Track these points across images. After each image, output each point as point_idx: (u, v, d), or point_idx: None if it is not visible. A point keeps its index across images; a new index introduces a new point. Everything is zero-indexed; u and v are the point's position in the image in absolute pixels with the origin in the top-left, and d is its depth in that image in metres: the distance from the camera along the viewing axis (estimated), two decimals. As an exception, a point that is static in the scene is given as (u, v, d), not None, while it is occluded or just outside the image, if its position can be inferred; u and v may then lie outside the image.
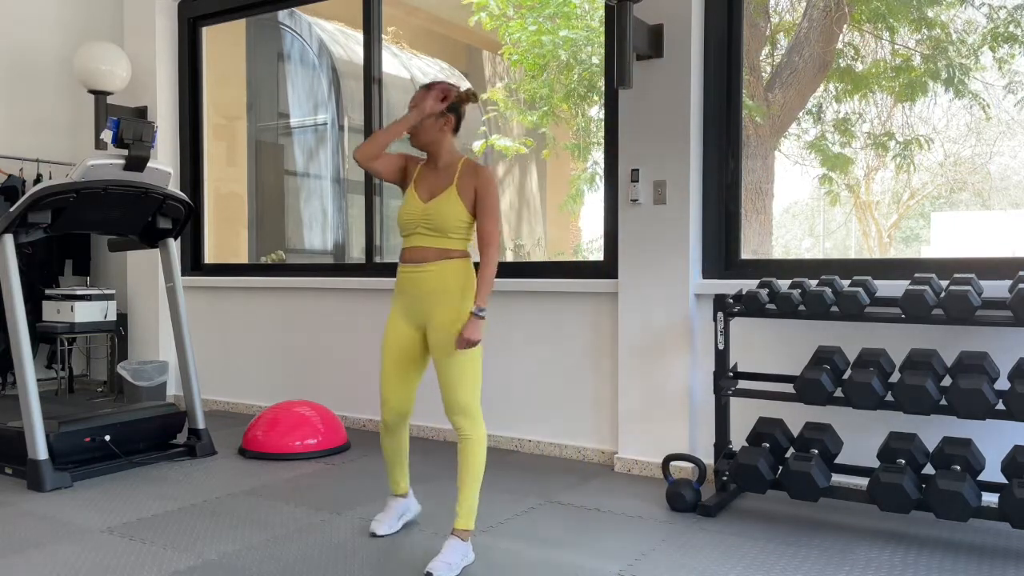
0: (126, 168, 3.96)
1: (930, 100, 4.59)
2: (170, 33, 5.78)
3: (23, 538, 3.04)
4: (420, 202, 2.78)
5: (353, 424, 5.00)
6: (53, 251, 5.92)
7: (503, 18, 6.63)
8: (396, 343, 2.86)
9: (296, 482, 3.80)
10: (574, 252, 8.35)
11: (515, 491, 3.62)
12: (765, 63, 5.11)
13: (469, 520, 2.75)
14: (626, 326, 3.97)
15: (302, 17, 6.64)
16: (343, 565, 2.76)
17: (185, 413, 4.35)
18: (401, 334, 2.86)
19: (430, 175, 2.84)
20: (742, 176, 3.87)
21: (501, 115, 7.39)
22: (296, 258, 6.71)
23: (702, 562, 2.78)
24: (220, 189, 6.34)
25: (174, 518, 3.28)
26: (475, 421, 2.77)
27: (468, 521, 2.75)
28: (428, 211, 2.76)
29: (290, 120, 6.91)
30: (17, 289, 3.75)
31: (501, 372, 4.45)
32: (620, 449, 4.01)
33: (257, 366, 5.46)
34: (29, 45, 5.94)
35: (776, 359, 3.67)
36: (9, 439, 3.86)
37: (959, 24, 4.54)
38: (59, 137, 6.13)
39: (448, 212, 2.74)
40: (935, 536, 3.03)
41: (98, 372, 6.28)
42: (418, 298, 2.80)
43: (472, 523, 2.76)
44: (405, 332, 2.86)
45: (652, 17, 3.84)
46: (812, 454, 3.11)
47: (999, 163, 4.80)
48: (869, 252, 5.48)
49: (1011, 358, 3.18)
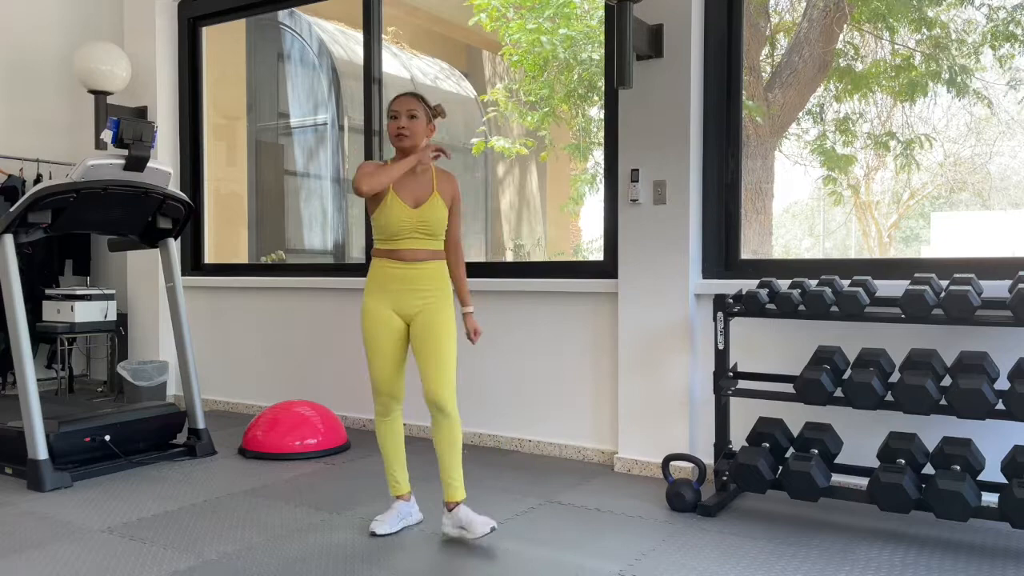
0: (126, 168, 3.96)
1: (930, 100, 4.59)
2: (170, 33, 5.78)
3: (23, 538, 3.04)
4: (408, 208, 2.98)
5: (353, 424, 5.00)
6: (53, 251, 5.92)
7: (503, 19, 6.63)
8: (387, 332, 3.01)
9: (296, 482, 3.80)
10: (574, 252, 8.35)
11: (515, 491, 3.62)
12: (765, 63, 5.10)
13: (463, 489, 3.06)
14: (626, 326, 3.97)
15: (302, 17, 6.64)
16: (343, 565, 2.76)
17: (185, 413, 4.35)
18: (390, 324, 3.01)
19: (410, 182, 3.02)
20: (742, 176, 3.87)
21: (501, 115, 7.39)
22: (296, 258, 6.71)
23: (702, 562, 2.78)
24: (220, 189, 6.34)
25: (174, 518, 3.28)
26: (455, 401, 3.02)
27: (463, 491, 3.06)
28: (422, 216, 2.99)
29: (290, 120, 6.91)
30: (17, 289, 3.75)
31: (501, 372, 4.46)
32: (620, 449, 4.01)
33: (257, 366, 5.46)
34: (29, 45, 5.94)
35: (776, 359, 3.67)
36: (9, 439, 3.86)
37: (959, 24, 4.54)
38: (59, 137, 6.13)
39: (440, 216, 3.03)
40: (935, 536, 3.03)
41: (98, 372, 6.28)
42: (410, 292, 3.00)
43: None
44: (394, 322, 3.02)
45: (652, 17, 3.84)
46: (812, 454, 3.11)
47: (999, 163, 4.80)
48: (869, 252, 5.48)
49: (1011, 358, 3.18)
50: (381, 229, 2.99)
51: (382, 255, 3.02)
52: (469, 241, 7.36)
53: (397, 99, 3.02)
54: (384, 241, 3.01)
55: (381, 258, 3.02)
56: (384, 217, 2.96)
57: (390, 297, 3.00)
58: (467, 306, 3.17)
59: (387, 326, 3.01)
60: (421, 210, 2.98)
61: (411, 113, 2.97)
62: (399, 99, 3.02)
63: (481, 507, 3.38)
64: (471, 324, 3.15)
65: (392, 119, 2.99)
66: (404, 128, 2.97)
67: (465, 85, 8.01)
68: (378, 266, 3.03)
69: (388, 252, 3.00)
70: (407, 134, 2.97)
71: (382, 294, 3.01)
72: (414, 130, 2.98)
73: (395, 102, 3.01)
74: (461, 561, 2.79)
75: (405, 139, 2.98)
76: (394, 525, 3.08)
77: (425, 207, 2.98)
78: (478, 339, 3.22)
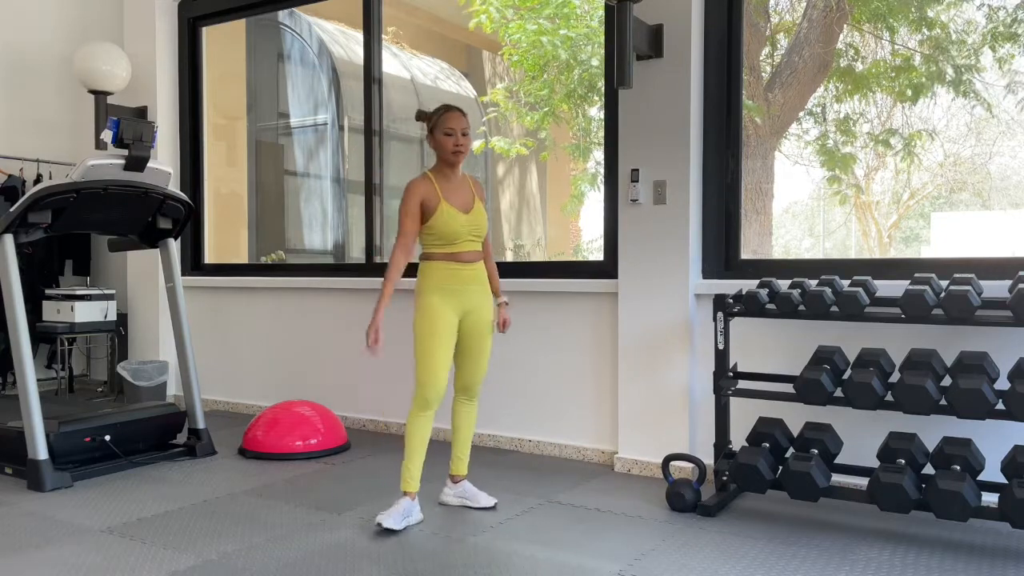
0: (126, 168, 3.96)
1: (930, 100, 4.59)
2: (170, 33, 5.78)
3: (23, 538, 3.04)
4: (461, 214, 3.18)
5: (353, 424, 5.00)
6: (53, 251, 5.92)
7: (503, 20, 6.63)
8: (450, 332, 3.17)
9: (296, 482, 3.80)
10: (574, 252, 8.36)
11: (515, 491, 3.62)
12: (765, 63, 5.11)
13: None
14: (626, 326, 3.97)
15: (302, 17, 6.64)
16: (343, 565, 2.76)
17: (185, 413, 4.35)
18: (450, 323, 3.17)
19: (454, 189, 3.22)
20: (742, 176, 3.87)
21: (502, 116, 7.40)
22: (296, 258, 6.71)
23: (702, 562, 2.78)
24: (220, 189, 6.34)
25: (174, 518, 3.28)
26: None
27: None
28: (474, 222, 3.22)
29: (290, 120, 6.91)
30: (17, 289, 3.75)
31: (501, 372, 4.45)
32: (620, 449, 4.01)
33: (257, 366, 5.46)
34: (29, 45, 5.94)
35: (776, 359, 3.67)
36: (9, 439, 3.86)
37: (959, 24, 4.54)
38: (59, 137, 6.13)
39: (483, 220, 3.27)
40: (935, 536, 3.03)
41: (98, 372, 6.28)
42: (465, 292, 3.20)
43: None
44: (452, 321, 3.18)
45: (652, 17, 3.84)
46: (812, 454, 3.11)
47: (999, 163, 4.80)
48: (869, 252, 5.49)
49: (1011, 358, 3.18)
50: (438, 236, 3.16)
51: (441, 258, 3.18)
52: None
53: (452, 115, 3.17)
54: (442, 246, 3.18)
55: (440, 260, 3.18)
56: (441, 225, 3.15)
57: (452, 296, 3.17)
58: (500, 296, 3.40)
59: (450, 325, 3.17)
60: (471, 215, 3.20)
61: (465, 131, 3.17)
62: (455, 115, 3.17)
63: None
64: (504, 314, 3.38)
65: (447, 136, 3.15)
66: (461, 145, 3.16)
67: (465, 85, 8.02)
68: (439, 267, 3.18)
69: (448, 255, 3.18)
70: (463, 151, 3.18)
71: (444, 294, 3.16)
72: (467, 148, 3.19)
73: (451, 119, 3.16)
74: (461, 561, 2.79)
75: (462, 155, 3.18)
76: (398, 522, 3.09)
77: (473, 212, 3.22)
78: (506, 330, 3.45)
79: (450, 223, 3.15)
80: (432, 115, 3.21)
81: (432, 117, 3.20)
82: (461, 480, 3.40)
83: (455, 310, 3.19)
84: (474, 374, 3.32)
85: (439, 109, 3.22)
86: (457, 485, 3.40)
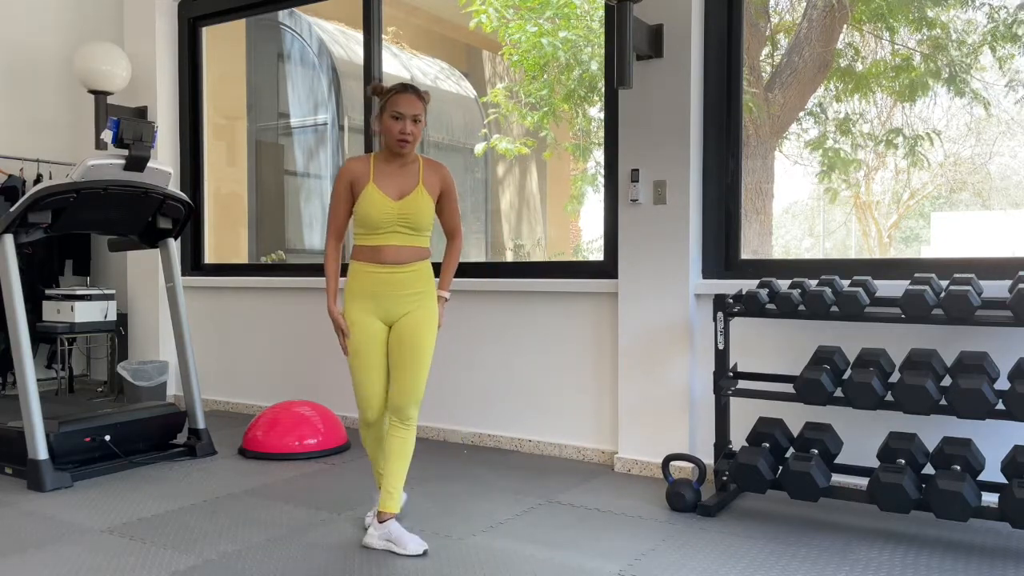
0: (126, 168, 3.96)
1: (930, 100, 4.59)
2: (170, 33, 5.78)
3: (23, 538, 3.04)
4: (390, 200, 2.83)
5: (353, 424, 5.00)
6: (53, 251, 5.92)
7: (503, 20, 6.63)
8: (373, 342, 2.89)
9: (296, 482, 3.80)
10: (574, 252, 8.35)
11: (515, 491, 3.62)
12: (765, 63, 5.10)
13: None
14: (626, 326, 3.97)
15: (302, 17, 6.64)
16: (343, 565, 2.76)
17: (185, 413, 4.35)
18: (375, 332, 2.89)
19: (394, 172, 2.87)
20: (742, 176, 3.87)
21: (502, 116, 7.39)
22: (296, 258, 6.71)
23: (702, 562, 2.78)
24: (220, 189, 6.34)
25: (174, 518, 3.28)
26: (419, 411, 2.94)
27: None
28: (404, 209, 2.83)
29: (290, 120, 6.91)
30: (17, 289, 3.75)
31: (501, 372, 4.45)
32: (620, 449, 4.01)
33: (257, 366, 5.46)
34: (29, 45, 5.94)
35: (776, 359, 3.67)
36: (9, 439, 3.86)
37: (959, 24, 4.54)
38: (59, 137, 6.13)
39: (425, 210, 2.87)
40: (935, 536, 3.03)
41: (98, 372, 6.28)
42: (393, 298, 2.88)
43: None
44: (379, 329, 2.90)
45: (652, 17, 3.84)
46: (812, 454, 3.11)
47: (999, 163, 4.80)
48: (869, 252, 5.49)
49: (1011, 358, 3.18)
50: (361, 221, 2.84)
51: (363, 257, 2.87)
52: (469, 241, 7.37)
53: (404, 97, 2.81)
54: (365, 236, 2.85)
55: (363, 262, 2.87)
56: (364, 208, 2.81)
57: (375, 303, 2.87)
58: (444, 291, 3.00)
59: (375, 338, 2.88)
60: (404, 203, 2.82)
61: (416, 117, 2.81)
62: (407, 98, 2.81)
63: (481, 507, 3.38)
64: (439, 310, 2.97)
65: (394, 119, 2.80)
66: (409, 134, 2.81)
67: (465, 85, 8.01)
68: (360, 271, 2.87)
69: (370, 253, 2.85)
70: (410, 140, 2.82)
71: (366, 300, 2.86)
72: (417, 136, 2.83)
73: (400, 101, 2.80)
74: (461, 561, 2.79)
75: (407, 145, 2.83)
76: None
77: (408, 200, 2.83)
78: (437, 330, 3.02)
79: (370, 210, 2.79)
80: (386, 92, 2.84)
81: (385, 93, 2.84)
82: (389, 519, 2.87)
83: (381, 317, 2.88)
84: (404, 393, 2.86)
85: (394, 87, 2.85)
86: (383, 525, 2.87)
